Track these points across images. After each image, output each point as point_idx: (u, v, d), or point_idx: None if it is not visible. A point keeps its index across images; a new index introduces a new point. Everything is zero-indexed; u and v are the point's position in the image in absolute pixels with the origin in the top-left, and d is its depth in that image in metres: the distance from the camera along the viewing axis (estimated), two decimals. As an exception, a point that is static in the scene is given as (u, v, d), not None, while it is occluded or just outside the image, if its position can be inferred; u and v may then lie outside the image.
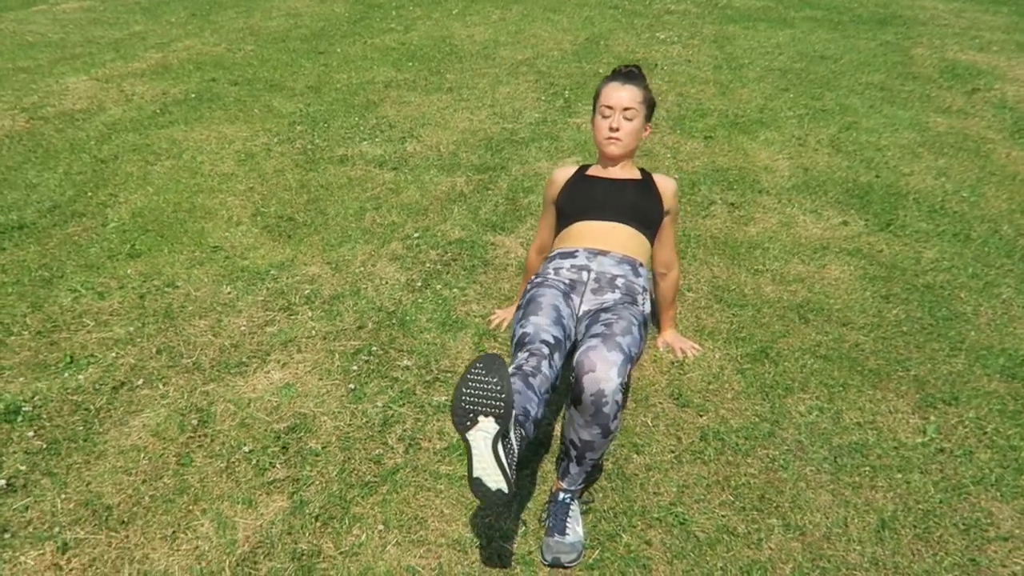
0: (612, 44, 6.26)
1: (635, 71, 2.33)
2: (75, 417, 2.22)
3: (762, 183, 3.82)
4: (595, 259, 2.16)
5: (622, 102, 2.24)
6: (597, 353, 1.73)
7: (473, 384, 1.47)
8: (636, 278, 2.15)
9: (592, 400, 1.72)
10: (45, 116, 4.50)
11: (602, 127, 2.27)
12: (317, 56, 5.79)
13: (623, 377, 1.73)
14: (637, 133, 2.29)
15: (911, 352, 2.60)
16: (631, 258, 2.19)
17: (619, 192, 2.29)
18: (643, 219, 2.28)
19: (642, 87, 2.29)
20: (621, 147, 2.28)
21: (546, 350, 1.81)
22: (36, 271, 2.93)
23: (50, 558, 1.78)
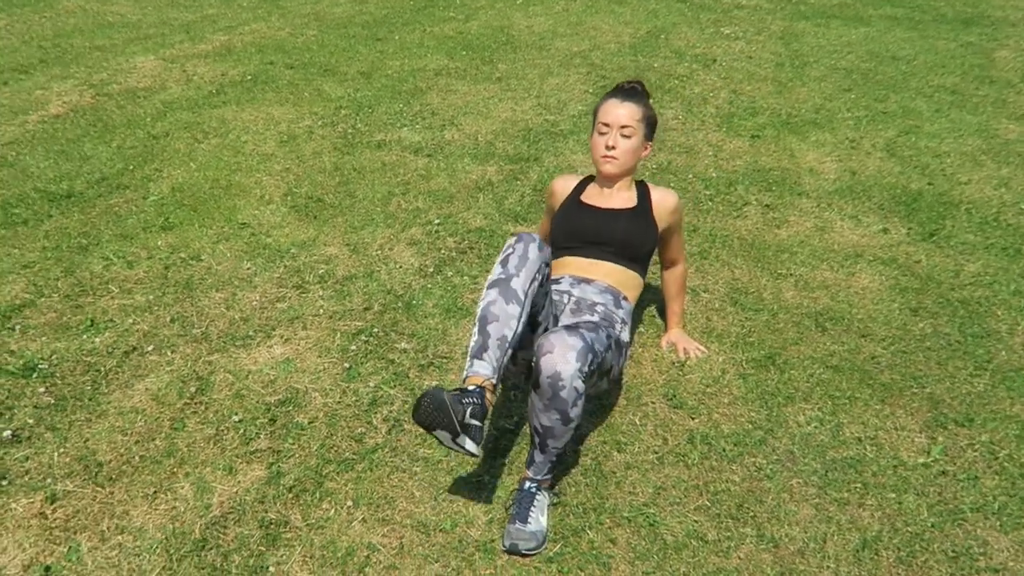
0: (672, 38, 6.15)
1: (637, 87, 2.28)
2: (85, 377, 2.34)
3: (803, 185, 3.69)
4: (578, 286, 2.21)
5: (620, 120, 2.20)
6: (558, 337, 1.74)
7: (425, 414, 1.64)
8: (616, 309, 2.18)
9: (549, 382, 1.72)
10: (110, 93, 4.73)
11: (598, 145, 2.24)
12: (375, 43, 5.89)
13: (582, 364, 1.72)
14: (635, 152, 2.24)
15: (931, 368, 2.47)
16: (615, 289, 2.21)
17: (609, 225, 2.24)
18: (632, 255, 2.26)
19: (642, 104, 2.24)
20: (617, 166, 2.23)
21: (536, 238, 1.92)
22: (75, 238, 3.09)
23: (38, 507, 1.89)
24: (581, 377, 1.74)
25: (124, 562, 1.76)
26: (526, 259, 1.84)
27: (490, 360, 1.75)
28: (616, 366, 2.04)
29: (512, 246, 1.87)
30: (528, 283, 1.83)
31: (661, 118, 4.46)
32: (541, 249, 1.89)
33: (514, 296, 1.80)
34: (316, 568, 1.77)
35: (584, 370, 1.74)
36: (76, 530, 1.84)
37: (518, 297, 1.80)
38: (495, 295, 1.80)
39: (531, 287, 1.84)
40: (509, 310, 1.78)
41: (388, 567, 1.78)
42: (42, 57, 5.44)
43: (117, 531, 1.84)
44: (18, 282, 2.79)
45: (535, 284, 1.85)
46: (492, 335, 1.77)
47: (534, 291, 1.85)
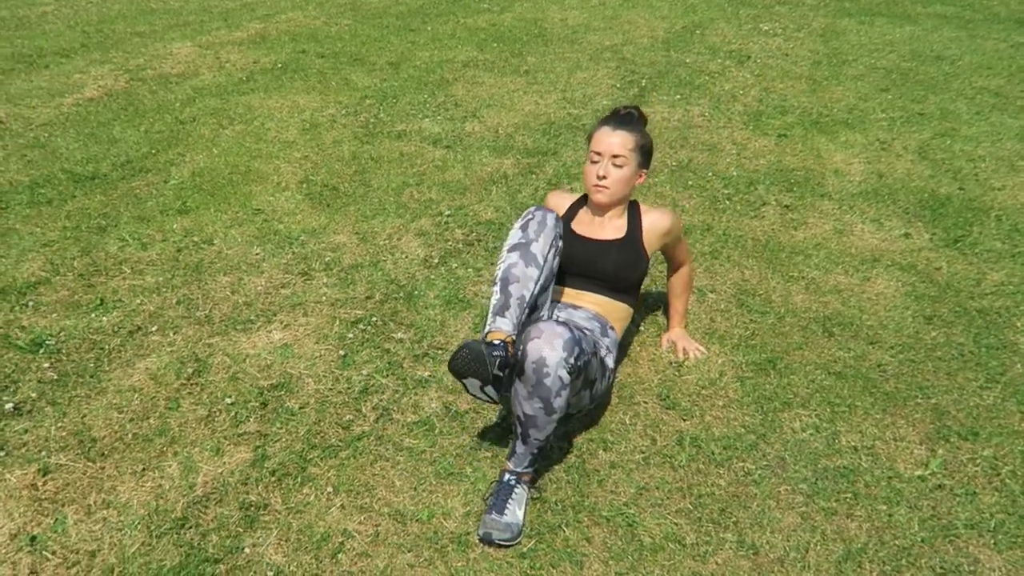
0: (708, 34, 6.05)
1: (633, 114, 2.23)
2: (89, 355, 2.40)
3: (826, 187, 3.60)
4: (566, 310, 2.21)
5: (612, 149, 2.16)
6: (547, 324, 1.76)
7: (462, 363, 1.76)
8: (603, 337, 2.17)
9: (534, 368, 1.72)
10: (144, 78, 4.83)
11: (589, 174, 2.19)
12: (407, 33, 5.91)
13: (569, 355, 1.73)
14: (627, 181, 2.19)
15: (939, 379, 2.40)
16: (602, 318, 2.21)
17: (598, 258, 2.20)
18: (621, 287, 2.24)
19: (636, 132, 2.19)
20: (608, 196, 2.19)
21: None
22: (95, 219, 3.17)
23: (30, 478, 1.94)
24: (567, 367, 1.73)
25: (106, 536, 1.81)
26: (544, 225, 1.95)
27: (511, 317, 1.85)
28: (599, 383, 2.01)
29: (532, 213, 1.97)
30: (547, 248, 1.94)
31: (687, 114, 4.41)
32: (557, 222, 1.99)
33: (533, 260, 1.91)
34: (290, 552, 1.79)
35: (570, 361, 1.74)
36: (64, 502, 1.89)
37: (537, 261, 1.91)
38: (516, 258, 1.90)
39: (550, 253, 1.94)
40: (529, 272, 1.89)
41: (361, 554, 1.79)
42: (84, 42, 5.59)
43: (103, 505, 1.89)
44: (37, 260, 2.88)
45: (552, 251, 1.95)
46: (513, 295, 1.86)
47: (551, 259, 1.95)
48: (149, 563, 1.75)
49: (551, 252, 1.95)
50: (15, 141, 3.93)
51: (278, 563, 1.76)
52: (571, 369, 1.75)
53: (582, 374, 1.85)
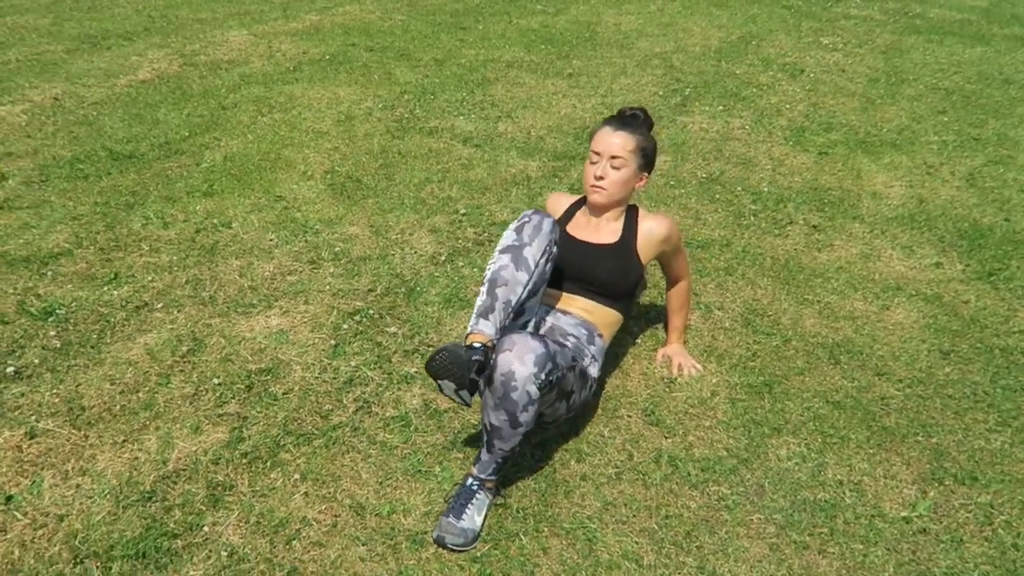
0: (764, 45, 5.91)
1: (638, 115, 2.19)
2: (95, 326, 2.48)
3: (860, 209, 3.47)
4: (554, 314, 2.18)
5: (610, 149, 2.12)
6: (521, 337, 1.73)
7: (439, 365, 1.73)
8: (589, 344, 2.13)
9: (502, 381, 1.70)
10: (196, 63, 4.99)
11: (587, 173, 2.17)
12: (457, 31, 5.94)
13: (539, 370, 1.71)
14: (625, 183, 2.15)
15: (945, 418, 2.28)
16: (590, 325, 2.17)
17: (592, 263, 2.17)
18: (611, 294, 2.19)
19: (637, 134, 2.14)
20: (604, 197, 2.15)
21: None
22: (125, 196, 3.28)
23: (17, 440, 2.02)
24: (536, 383, 1.71)
25: (77, 502, 1.86)
26: (540, 230, 1.90)
27: (494, 321, 1.81)
28: (577, 394, 1.98)
29: (528, 216, 1.92)
30: (539, 254, 1.89)
31: (727, 126, 4.31)
32: (553, 227, 1.94)
33: (525, 264, 1.86)
34: (247, 534, 1.81)
35: (541, 376, 1.71)
36: (44, 466, 1.96)
37: (528, 265, 1.86)
38: (507, 260, 1.86)
39: (542, 259, 1.89)
40: (519, 276, 1.85)
41: (315, 543, 1.81)
42: (147, 26, 5.80)
43: (79, 472, 1.95)
44: (64, 232, 2.99)
45: (544, 256, 1.90)
46: (499, 298, 1.82)
47: (543, 265, 1.90)
48: (111, 532, 1.79)
49: (543, 258, 1.90)
50: (66, 118, 4.10)
51: (234, 544, 1.79)
52: (541, 385, 1.72)
53: (555, 388, 1.82)
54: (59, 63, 4.96)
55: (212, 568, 1.73)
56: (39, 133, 3.90)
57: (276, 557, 1.77)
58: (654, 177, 3.67)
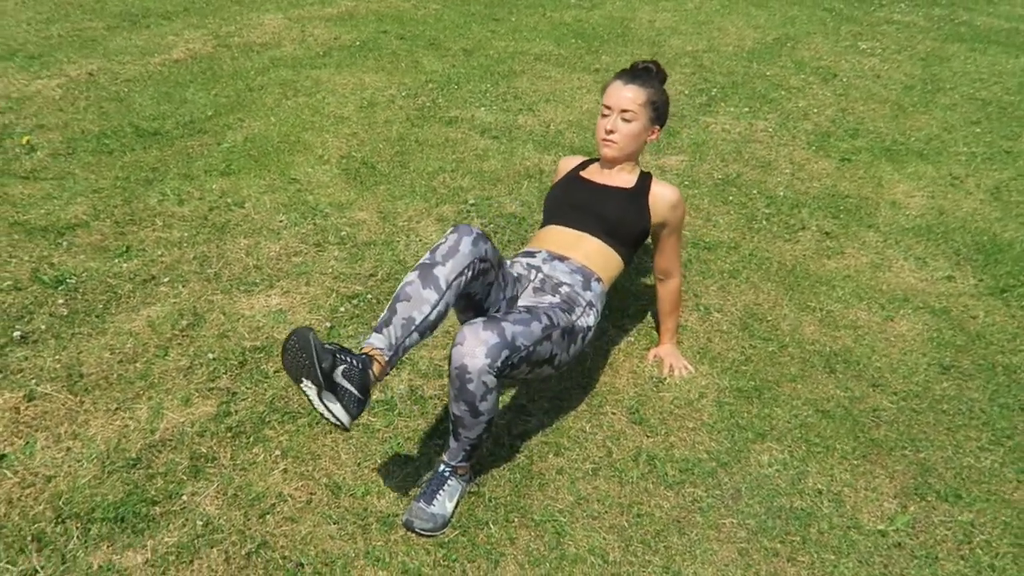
0: (799, 48, 5.81)
1: (651, 68, 2.20)
2: (102, 297, 2.56)
3: (876, 218, 3.41)
4: (550, 263, 2.13)
5: (621, 103, 2.14)
6: (471, 329, 1.71)
7: (291, 356, 1.58)
8: (584, 291, 2.09)
9: (456, 374, 1.71)
10: (229, 45, 5.07)
11: (599, 127, 2.21)
12: (490, 22, 5.95)
13: (493, 360, 1.69)
14: (636, 136, 2.18)
15: (936, 433, 2.25)
16: (588, 270, 2.13)
17: (601, 201, 2.20)
18: (618, 234, 2.19)
19: (648, 87, 2.16)
20: (616, 150, 2.18)
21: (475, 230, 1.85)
22: (144, 172, 3.36)
23: (15, 402, 2.10)
24: (492, 372, 1.71)
25: (65, 465, 1.93)
26: (456, 251, 1.78)
27: (388, 336, 1.72)
28: (562, 354, 1.94)
29: (446, 236, 1.82)
30: (453, 275, 1.76)
31: (750, 128, 4.26)
32: (476, 244, 1.81)
33: (433, 282, 1.75)
34: (223, 505, 1.86)
35: (496, 365, 1.71)
36: (38, 428, 2.03)
37: (438, 285, 1.75)
38: (414, 277, 1.76)
39: (457, 280, 1.77)
40: (424, 294, 1.74)
41: (288, 518, 1.85)
42: (187, 6, 5.91)
43: (71, 436, 2.02)
44: (83, 204, 3.09)
45: (463, 278, 1.78)
46: (399, 313, 1.73)
47: (461, 284, 1.78)
48: (94, 495, 1.86)
49: (458, 280, 1.77)
50: (98, 93, 4.21)
51: (209, 514, 1.84)
52: (498, 372, 1.72)
53: (522, 365, 1.79)
54: (98, 40, 5.09)
55: (186, 536, 1.78)
56: (71, 107, 4.01)
57: (248, 530, 1.81)
58: (668, 177, 3.65)
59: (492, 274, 1.91)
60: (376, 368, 1.67)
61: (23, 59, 4.67)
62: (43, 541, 1.74)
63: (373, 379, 1.66)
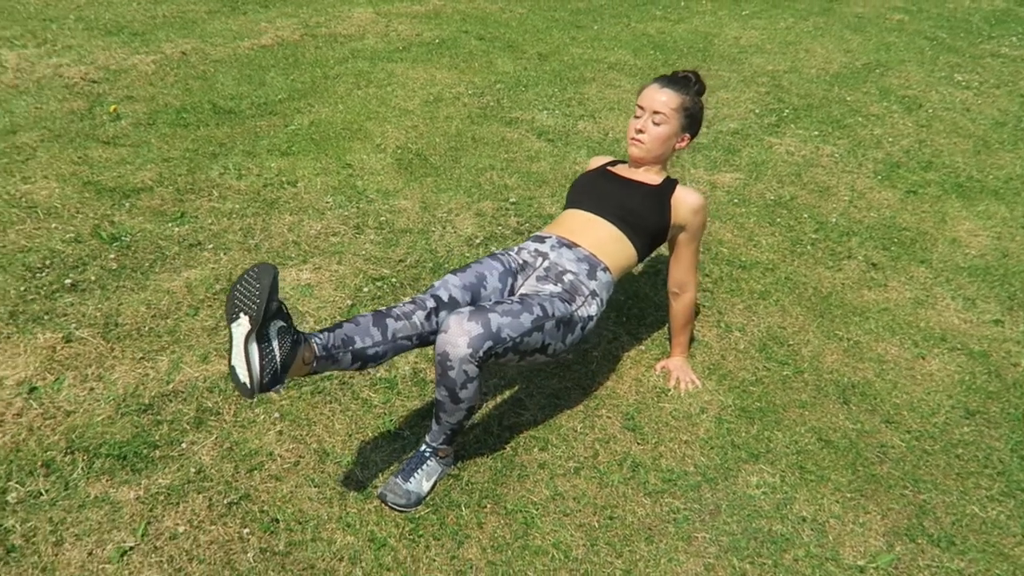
0: (888, 75, 5.61)
1: (690, 78, 2.21)
2: (151, 256, 2.75)
3: (931, 253, 3.28)
4: (558, 250, 2.14)
5: (653, 104, 2.17)
6: (457, 318, 1.76)
7: (244, 285, 1.53)
8: (589, 280, 2.08)
9: (439, 360, 1.76)
10: (316, 34, 5.31)
11: (630, 126, 2.24)
12: (572, 29, 6.00)
13: (475, 350, 1.73)
14: (665, 140, 2.20)
15: (944, 477, 2.16)
16: (596, 259, 2.12)
17: (623, 191, 2.23)
18: (635, 224, 2.18)
19: (683, 94, 2.18)
20: (643, 150, 2.21)
21: (431, 303, 1.88)
22: (213, 146, 3.58)
23: (54, 342, 2.29)
24: (473, 362, 1.74)
25: (85, 403, 2.10)
26: (409, 319, 1.84)
27: (327, 339, 1.71)
28: (556, 343, 1.94)
29: (416, 299, 1.90)
30: (397, 334, 1.82)
31: (815, 152, 4.16)
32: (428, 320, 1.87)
33: (384, 331, 1.80)
34: (217, 457, 1.98)
35: (478, 355, 1.74)
36: (69, 368, 2.21)
37: (386, 331, 1.80)
38: (371, 316, 1.81)
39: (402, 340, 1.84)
40: (372, 332, 1.78)
41: (273, 476, 1.95)
42: (285, -4, 6.22)
43: (96, 378, 2.19)
44: (152, 171, 3.31)
45: (408, 343, 1.85)
46: (344, 329, 1.76)
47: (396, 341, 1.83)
48: (104, 433, 2.01)
49: (404, 343, 1.83)
50: (187, 71, 4.49)
51: (203, 463, 1.96)
52: (479, 362, 1.75)
53: (510, 352, 1.81)
54: (198, 22, 5.42)
55: (178, 480, 1.91)
56: (160, 82, 4.29)
57: (235, 482, 1.92)
58: (718, 193, 3.61)
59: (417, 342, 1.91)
60: (307, 353, 1.64)
61: (127, 35, 5.03)
62: (51, 467, 1.90)
63: (298, 361, 1.61)
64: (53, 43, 4.76)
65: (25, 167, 3.26)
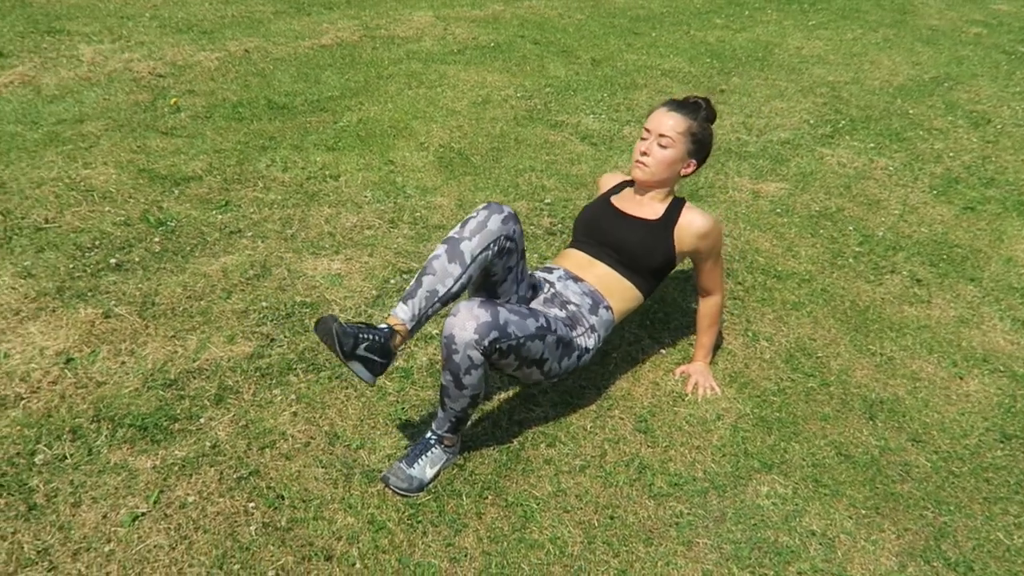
0: (957, 89, 5.41)
1: (700, 104, 2.19)
2: (192, 241, 2.86)
3: (982, 272, 3.15)
4: (564, 282, 2.20)
5: (660, 128, 2.16)
6: (468, 304, 1.79)
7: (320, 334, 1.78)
8: (590, 314, 2.14)
9: (445, 343, 1.79)
10: (375, 36, 5.44)
11: (636, 148, 2.22)
12: (629, 35, 5.98)
13: (481, 337, 1.75)
14: (669, 164, 2.17)
15: (968, 501, 2.07)
16: (600, 295, 2.18)
17: (623, 231, 2.21)
18: (635, 266, 2.21)
19: (691, 118, 2.15)
20: (646, 173, 2.18)
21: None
22: (263, 140, 3.70)
23: (93, 317, 2.41)
24: (478, 349, 1.77)
25: (116, 375, 2.20)
26: (484, 226, 1.91)
27: (412, 307, 1.86)
28: (554, 362, 1.99)
29: (477, 211, 1.95)
30: (479, 249, 1.89)
31: (869, 164, 4.04)
32: (506, 222, 1.93)
33: (459, 257, 1.88)
34: (232, 433, 2.05)
35: (484, 344, 1.77)
36: (105, 341, 2.32)
37: (463, 259, 1.88)
38: (442, 251, 1.90)
39: (482, 254, 1.90)
40: (450, 268, 1.87)
41: (284, 455, 2.01)
42: (350, -1, 6.38)
43: (128, 353, 2.29)
44: (203, 161, 3.45)
45: (488, 253, 1.91)
46: (424, 286, 1.87)
47: (485, 259, 1.91)
48: (130, 404, 2.11)
49: (484, 254, 1.89)
50: (247, 68, 4.66)
51: (219, 438, 2.03)
52: (484, 351, 1.78)
53: (511, 354, 1.85)
54: (263, 22, 5.62)
55: (193, 453, 1.98)
56: (221, 78, 4.47)
57: (247, 458, 1.99)
58: (760, 202, 3.55)
59: (514, 257, 2.00)
60: (397, 339, 1.83)
61: (196, 33, 5.25)
62: (78, 434, 2.00)
63: (394, 348, 1.83)
64: (127, 39, 5.01)
65: (88, 154, 3.44)
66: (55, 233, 2.84)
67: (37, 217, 2.92)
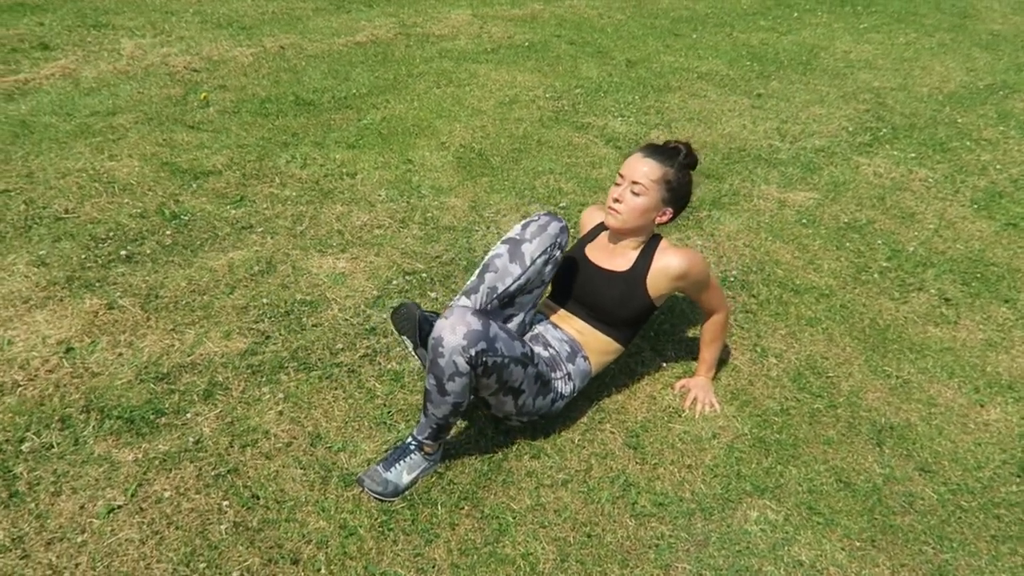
0: (1012, 97, 5.16)
1: (680, 149, 2.10)
2: (203, 235, 2.90)
3: (1017, 293, 2.99)
4: (545, 324, 2.20)
5: (633, 174, 2.08)
6: (461, 310, 1.78)
7: (399, 319, 2.00)
8: (567, 362, 2.11)
9: (432, 345, 1.77)
10: (410, 33, 5.44)
11: (609, 194, 2.13)
12: (669, 37, 5.87)
13: (469, 344, 1.73)
14: (642, 212, 2.08)
15: (975, 538, 1.96)
16: (578, 345, 2.15)
17: (598, 286, 2.15)
18: (612, 320, 2.15)
19: (667, 166, 2.06)
20: (619, 221, 2.10)
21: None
22: (285, 136, 3.73)
23: (97, 307, 2.45)
24: (464, 356, 1.74)
25: (111, 366, 2.23)
26: (544, 230, 1.97)
27: (475, 302, 1.94)
28: (529, 397, 1.95)
29: (539, 216, 2.00)
30: (538, 252, 1.96)
31: (907, 175, 3.88)
32: (562, 232, 1.99)
33: (520, 258, 1.95)
34: (217, 430, 2.06)
35: (471, 352, 1.74)
36: (105, 332, 2.36)
37: (523, 260, 1.95)
38: (504, 250, 1.96)
39: (539, 258, 1.96)
40: (511, 268, 1.94)
41: (265, 454, 2.01)
42: (389, -4, 6.41)
43: (126, 345, 2.32)
44: (224, 156, 3.49)
45: (543, 257, 1.97)
46: (486, 282, 1.94)
47: (540, 264, 1.96)
48: (120, 396, 2.13)
49: (542, 258, 1.96)
50: (280, 64, 4.71)
51: (203, 434, 2.04)
52: (470, 360, 1.74)
53: (493, 373, 1.82)
54: (302, 19, 5.68)
55: (175, 448, 1.99)
56: (254, 73, 4.52)
57: (228, 455, 1.99)
58: (786, 212, 3.43)
59: (549, 273, 2.02)
60: None
61: (235, 29, 5.33)
62: (67, 423, 2.03)
63: None
64: (168, 34, 5.11)
65: (115, 146, 3.51)
66: (73, 223, 2.91)
67: (58, 207, 2.99)
